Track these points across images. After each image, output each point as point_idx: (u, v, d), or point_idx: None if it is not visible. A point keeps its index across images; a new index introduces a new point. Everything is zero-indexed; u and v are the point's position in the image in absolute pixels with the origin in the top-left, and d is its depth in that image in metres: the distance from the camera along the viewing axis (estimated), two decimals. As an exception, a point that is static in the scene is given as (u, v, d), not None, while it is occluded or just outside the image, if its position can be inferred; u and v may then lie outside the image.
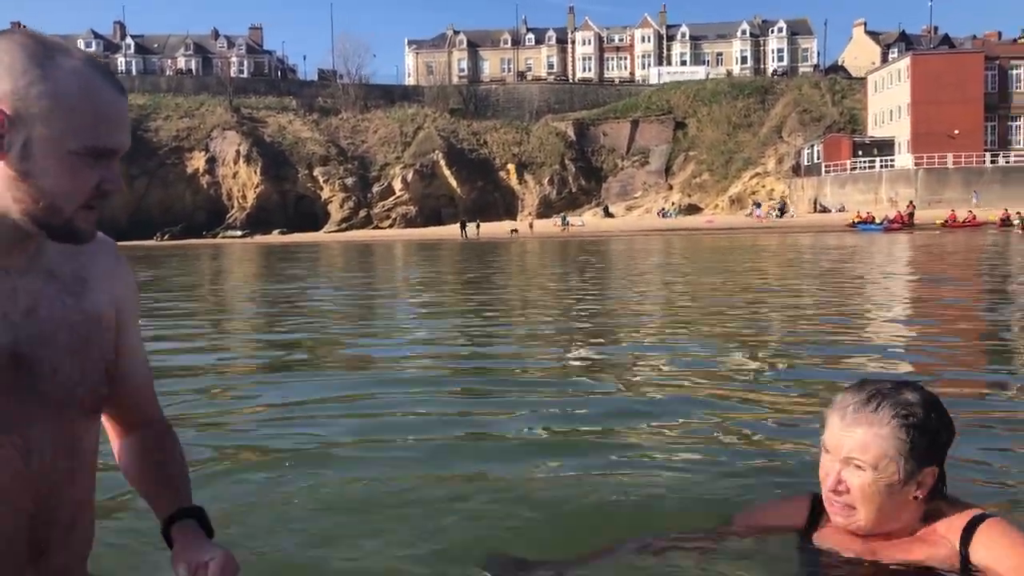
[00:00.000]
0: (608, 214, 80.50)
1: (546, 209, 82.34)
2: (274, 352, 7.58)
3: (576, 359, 6.75)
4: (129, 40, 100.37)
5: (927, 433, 2.02)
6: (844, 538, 2.14)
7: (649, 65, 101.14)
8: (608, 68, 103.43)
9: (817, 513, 2.23)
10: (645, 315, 10.08)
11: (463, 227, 62.11)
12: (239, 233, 78.53)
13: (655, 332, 8.48)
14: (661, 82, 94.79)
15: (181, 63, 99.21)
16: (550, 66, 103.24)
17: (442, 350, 7.38)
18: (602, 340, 7.86)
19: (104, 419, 1.65)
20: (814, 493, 2.29)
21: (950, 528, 2.05)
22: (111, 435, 1.71)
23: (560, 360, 6.69)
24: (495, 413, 4.71)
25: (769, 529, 2.33)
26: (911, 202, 57.00)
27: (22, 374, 1.36)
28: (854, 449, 2.02)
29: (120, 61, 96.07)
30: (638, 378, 5.82)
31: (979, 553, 1.98)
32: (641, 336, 8.19)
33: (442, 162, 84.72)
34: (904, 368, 6.01)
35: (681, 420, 4.46)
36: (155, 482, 1.66)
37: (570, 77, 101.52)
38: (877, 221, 51.86)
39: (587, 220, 75.28)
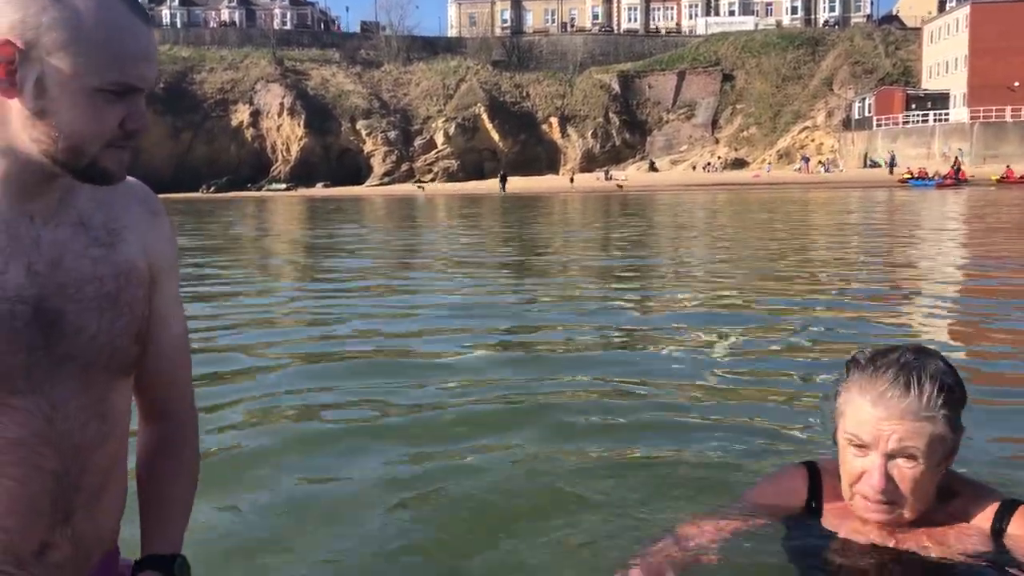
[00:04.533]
0: (653, 168, 79.47)
1: (589, 163, 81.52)
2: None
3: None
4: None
5: (960, 398, 1.84)
6: (855, 524, 1.93)
7: (696, 15, 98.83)
8: (654, 19, 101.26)
9: (816, 489, 2.03)
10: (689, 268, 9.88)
11: (503, 180, 61.27)
12: (283, 186, 79.03)
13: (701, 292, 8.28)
14: (708, 33, 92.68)
15: (225, 15, 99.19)
16: (595, 16, 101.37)
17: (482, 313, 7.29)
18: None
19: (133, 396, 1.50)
20: (808, 464, 2.10)
21: (977, 512, 1.88)
22: (138, 417, 1.55)
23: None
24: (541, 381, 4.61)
25: (769, 511, 2.09)
26: (957, 157, 55.09)
27: (46, 330, 1.26)
28: (906, 438, 1.78)
29: (164, 13, 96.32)
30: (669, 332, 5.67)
31: (1020, 535, 1.83)
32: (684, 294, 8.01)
33: (484, 115, 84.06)
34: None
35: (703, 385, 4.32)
36: (149, 503, 1.51)
37: (615, 28, 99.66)
38: (930, 176, 50.50)
39: (630, 174, 74.38)
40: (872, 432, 1.81)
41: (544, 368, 4.81)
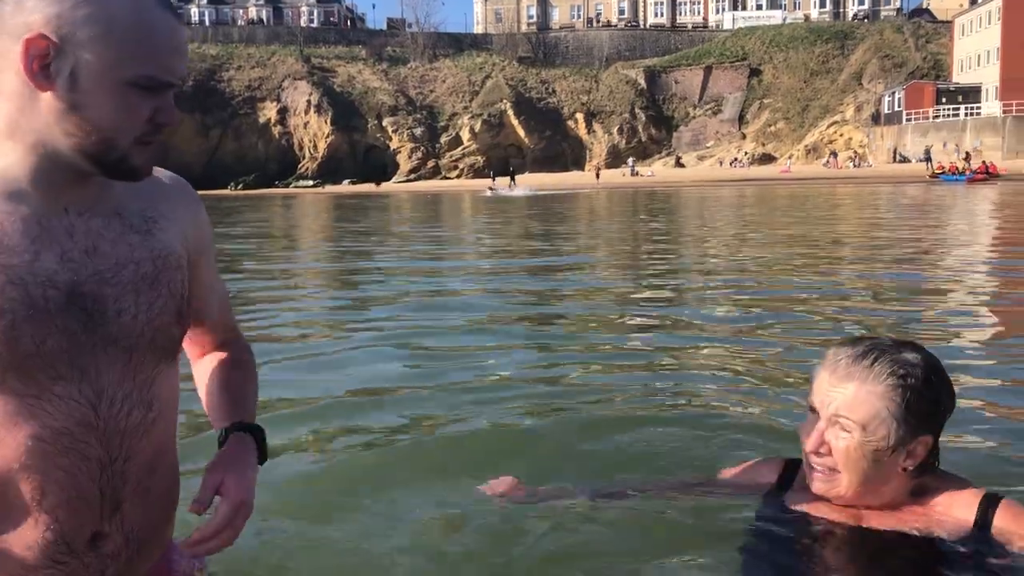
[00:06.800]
0: (679, 164, 79.08)
1: (615, 159, 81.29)
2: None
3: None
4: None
5: (925, 398, 1.82)
6: (820, 503, 1.96)
7: (723, 10, 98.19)
8: (681, 13, 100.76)
9: (789, 477, 2.09)
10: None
11: (512, 177, 57.21)
12: (311, 183, 79.49)
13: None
14: (735, 27, 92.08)
15: (252, 13, 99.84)
16: (621, 12, 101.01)
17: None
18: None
19: (184, 344, 1.57)
20: (788, 458, 2.16)
21: (956, 504, 1.88)
22: (190, 359, 1.69)
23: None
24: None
25: (739, 487, 2.19)
26: (967, 152, 54.21)
27: (85, 314, 1.29)
28: (842, 406, 1.83)
29: (193, 11, 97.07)
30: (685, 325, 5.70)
31: (1007, 529, 1.82)
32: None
33: (510, 112, 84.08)
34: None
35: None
36: (223, 396, 1.60)
37: (641, 23, 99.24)
38: (960, 171, 49.82)
39: (656, 170, 74.07)
40: (819, 396, 1.88)
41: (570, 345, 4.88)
